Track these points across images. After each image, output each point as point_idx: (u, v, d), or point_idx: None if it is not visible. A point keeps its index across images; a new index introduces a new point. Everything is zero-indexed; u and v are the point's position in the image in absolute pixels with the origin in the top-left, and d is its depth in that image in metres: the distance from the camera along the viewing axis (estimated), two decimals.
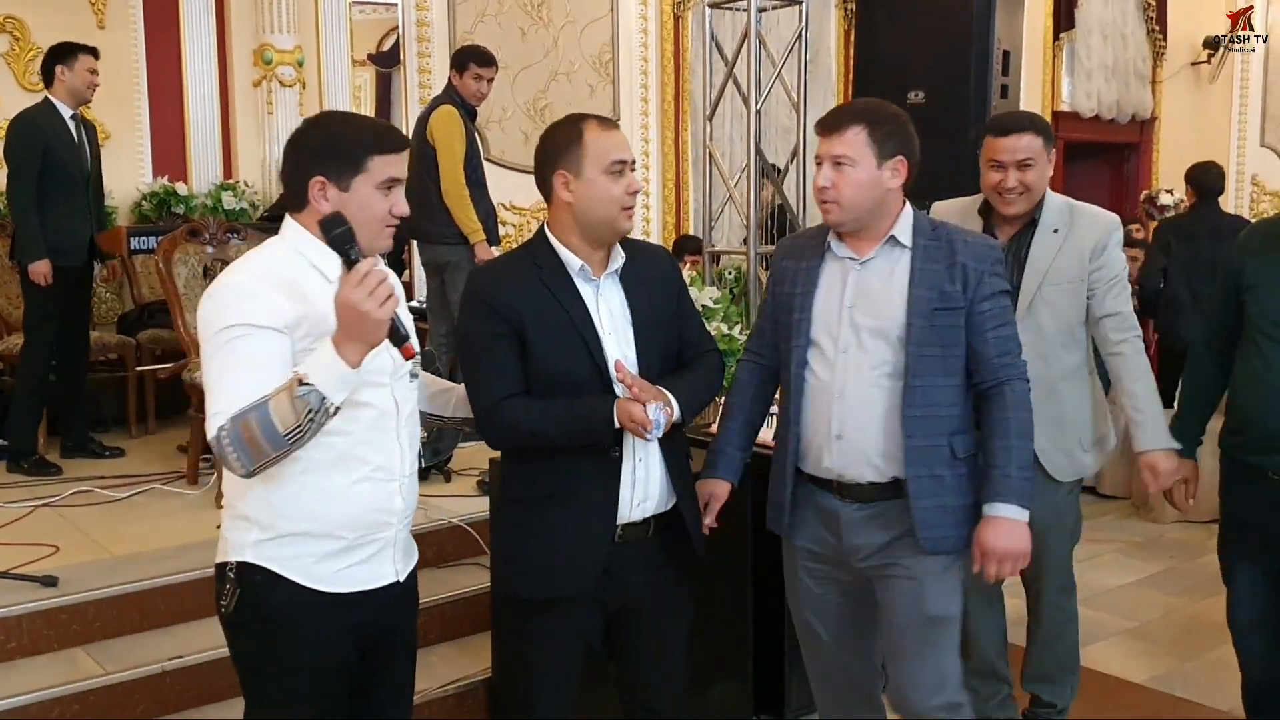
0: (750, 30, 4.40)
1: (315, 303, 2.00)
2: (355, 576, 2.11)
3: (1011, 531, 2.38)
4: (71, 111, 4.98)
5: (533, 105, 7.69)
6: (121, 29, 6.25)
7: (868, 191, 2.42)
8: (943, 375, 2.41)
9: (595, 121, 2.37)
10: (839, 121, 2.44)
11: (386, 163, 2.05)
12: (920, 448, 2.40)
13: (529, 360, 2.32)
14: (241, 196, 6.42)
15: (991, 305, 2.44)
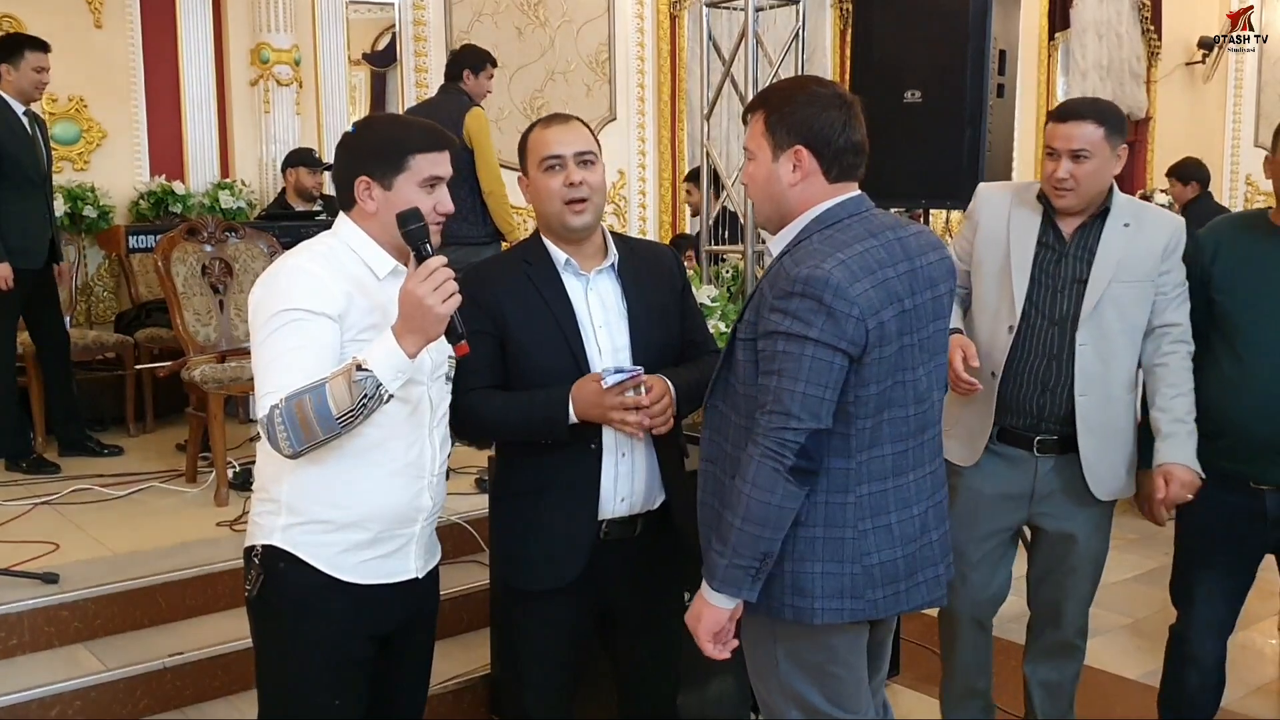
0: (748, 29, 4.40)
1: (364, 296, 2.07)
2: (378, 569, 2.14)
3: (698, 612, 2.09)
4: (24, 109, 4.84)
5: (529, 105, 7.70)
6: (118, 27, 6.24)
7: (764, 188, 2.15)
8: (725, 398, 2.16)
9: (541, 122, 2.42)
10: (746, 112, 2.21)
11: (428, 161, 2.11)
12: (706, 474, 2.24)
13: (511, 355, 2.36)
14: (239, 195, 6.42)
15: (765, 343, 2.02)
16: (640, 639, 2.53)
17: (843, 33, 8.78)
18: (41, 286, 4.97)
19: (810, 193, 2.10)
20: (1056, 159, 2.68)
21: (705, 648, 2.10)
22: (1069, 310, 2.73)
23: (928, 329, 2.12)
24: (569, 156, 2.33)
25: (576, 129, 2.38)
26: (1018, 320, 2.73)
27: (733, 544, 2.01)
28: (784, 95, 2.12)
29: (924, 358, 2.11)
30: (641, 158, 8.25)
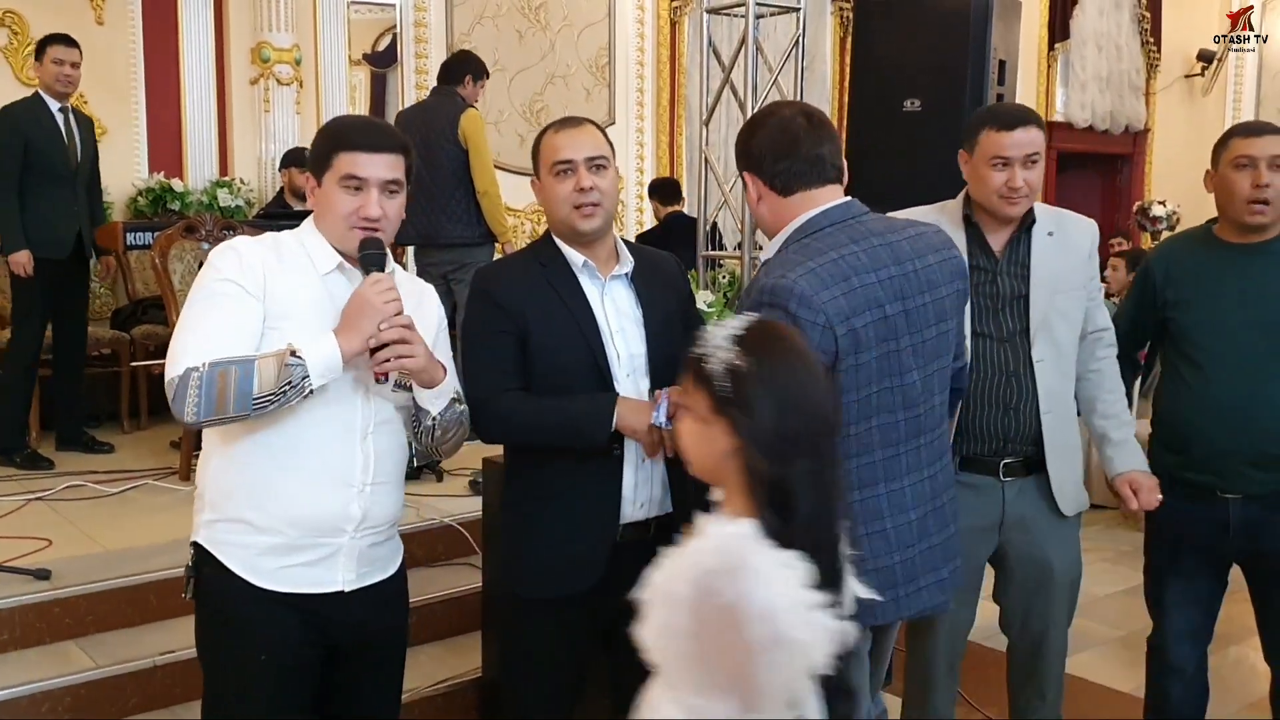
0: (748, 36, 4.41)
1: (285, 286, 2.07)
2: (299, 577, 2.09)
3: None
4: (59, 105, 4.95)
5: (529, 108, 7.71)
6: (119, 25, 6.25)
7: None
8: None
9: (554, 126, 2.40)
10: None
11: (349, 160, 2.06)
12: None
13: (531, 358, 2.33)
14: (237, 194, 6.42)
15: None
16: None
17: (842, 40, 8.80)
18: (70, 279, 5.04)
19: (778, 208, 2.18)
20: (1009, 168, 2.60)
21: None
22: (1015, 326, 2.66)
23: (926, 333, 2.12)
24: (580, 161, 2.31)
25: (589, 133, 2.37)
26: (967, 351, 2.58)
27: None
28: (744, 128, 2.25)
29: (918, 362, 2.12)
30: (640, 162, 8.26)
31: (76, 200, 5.00)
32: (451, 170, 4.98)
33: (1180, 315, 2.79)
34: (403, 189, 2.13)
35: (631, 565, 2.35)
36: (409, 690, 2.55)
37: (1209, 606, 2.90)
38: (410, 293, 2.20)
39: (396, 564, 2.26)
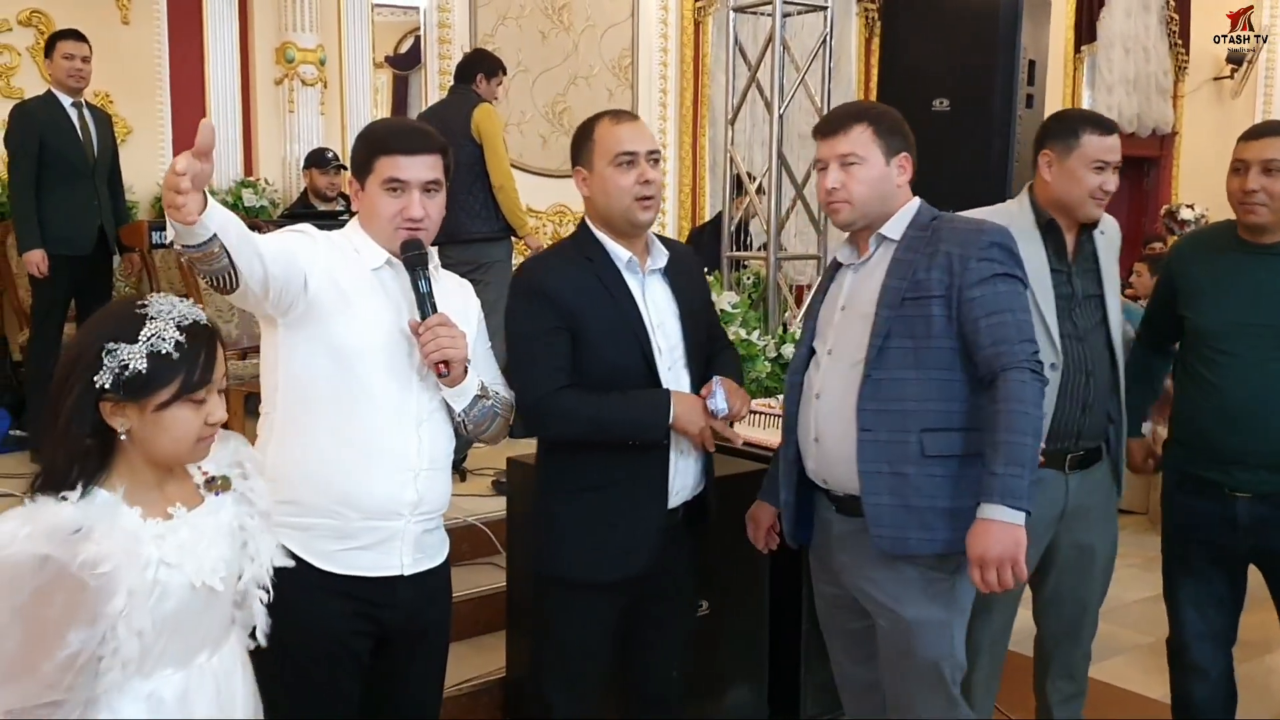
0: (775, 35, 4.40)
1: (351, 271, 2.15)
2: (357, 561, 2.13)
3: (995, 534, 2.15)
4: (72, 101, 4.95)
5: (551, 109, 7.71)
6: (145, 24, 6.26)
7: (877, 188, 2.38)
8: (914, 368, 2.28)
9: (609, 117, 2.44)
10: (841, 122, 2.41)
11: (390, 163, 2.13)
12: (878, 442, 2.28)
13: (581, 353, 2.37)
14: (262, 194, 6.43)
15: (982, 291, 2.26)
16: (659, 619, 2.54)
17: (867, 40, 8.77)
18: (94, 276, 5.04)
19: (906, 191, 2.43)
20: (1104, 171, 2.68)
21: (1017, 572, 2.17)
22: (1089, 324, 2.74)
23: None
24: (642, 154, 2.37)
25: (645, 127, 2.45)
26: (1060, 357, 2.68)
27: (1028, 460, 2.19)
28: (883, 111, 2.45)
29: None
30: (663, 162, 8.25)
31: (96, 196, 5.00)
32: (468, 166, 4.98)
33: (1193, 313, 2.82)
34: (442, 188, 2.20)
35: (661, 551, 2.43)
36: None
37: (1227, 607, 2.90)
38: (452, 290, 2.29)
39: (444, 554, 2.31)
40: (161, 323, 1.60)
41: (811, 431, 2.41)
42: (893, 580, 2.33)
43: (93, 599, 1.52)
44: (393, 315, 2.15)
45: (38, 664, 1.48)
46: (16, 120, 4.88)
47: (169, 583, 1.61)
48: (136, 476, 1.65)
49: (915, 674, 2.36)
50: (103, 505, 1.59)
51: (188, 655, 1.68)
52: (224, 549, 1.71)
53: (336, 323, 2.10)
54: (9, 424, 5.18)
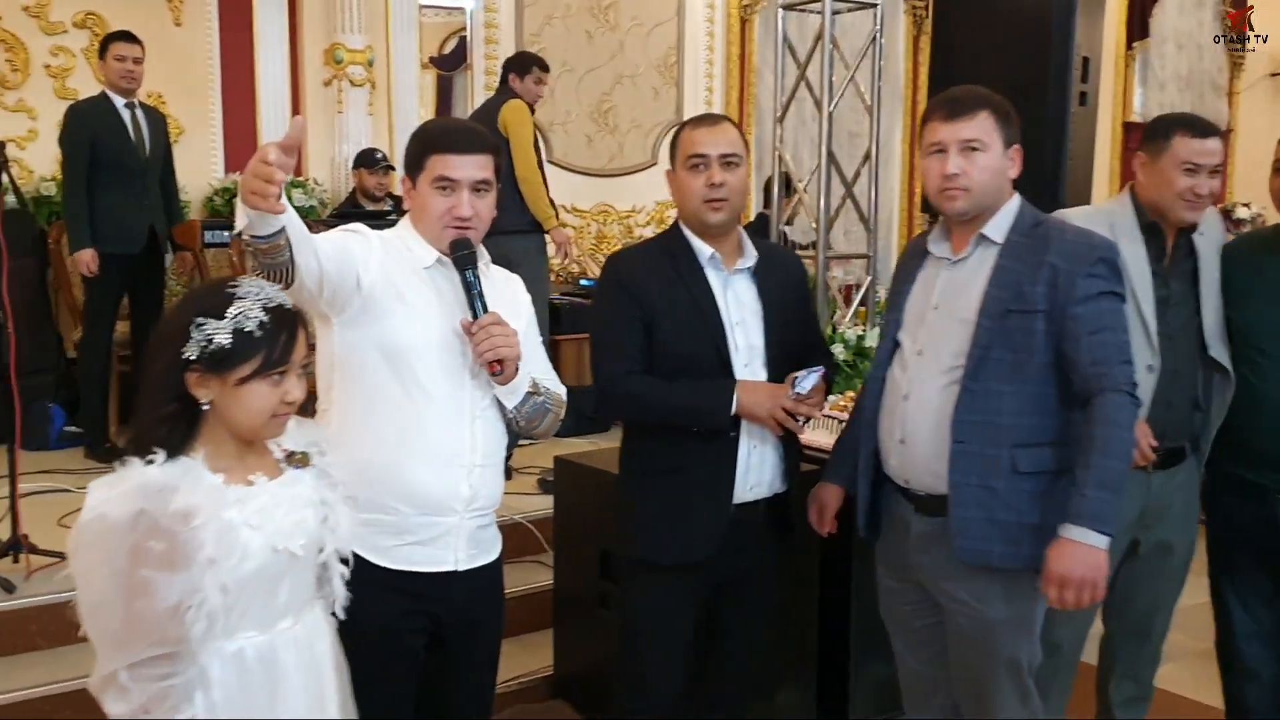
0: (825, 32, 4.37)
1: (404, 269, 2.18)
2: (413, 555, 2.16)
3: (1079, 556, 2.16)
4: (125, 101, 5.03)
5: (597, 108, 7.72)
6: (197, 26, 6.35)
7: (996, 178, 2.32)
8: (1010, 382, 2.25)
9: (693, 122, 2.53)
10: (968, 105, 2.32)
11: (441, 162, 2.15)
12: (969, 454, 2.26)
13: (656, 343, 2.46)
14: (311, 194, 6.49)
15: (1086, 309, 2.23)
16: (742, 616, 2.58)
17: (915, 38, 8.70)
18: (145, 275, 5.12)
19: (1010, 185, 2.37)
20: (1196, 174, 2.65)
21: (1095, 596, 2.19)
22: (1180, 324, 2.73)
23: None
24: (714, 157, 2.42)
25: (725, 130, 2.48)
26: (1159, 360, 2.67)
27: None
28: (1001, 99, 2.38)
29: None
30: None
31: (147, 195, 5.07)
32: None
33: (1237, 313, 2.79)
34: (492, 188, 2.23)
35: (741, 543, 2.49)
36: None
37: (1275, 607, 2.87)
38: (501, 285, 2.32)
39: (498, 550, 2.33)
40: (249, 302, 1.70)
41: (897, 432, 2.38)
42: (976, 581, 2.32)
43: (183, 548, 1.62)
44: (445, 313, 2.18)
45: (144, 618, 1.60)
46: (70, 121, 4.96)
47: (250, 544, 1.70)
48: (219, 447, 1.75)
49: (995, 670, 2.36)
50: (187, 468, 1.70)
51: (269, 618, 1.76)
52: (304, 518, 1.80)
53: (390, 321, 2.13)
54: (64, 420, 5.27)
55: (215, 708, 1.69)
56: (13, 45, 5.90)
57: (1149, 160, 2.70)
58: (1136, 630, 2.94)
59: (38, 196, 5.72)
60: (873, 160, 4.64)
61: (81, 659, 3.16)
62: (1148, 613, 2.91)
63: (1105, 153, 9.19)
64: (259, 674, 1.74)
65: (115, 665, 1.62)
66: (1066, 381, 2.27)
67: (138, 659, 1.61)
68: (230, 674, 1.71)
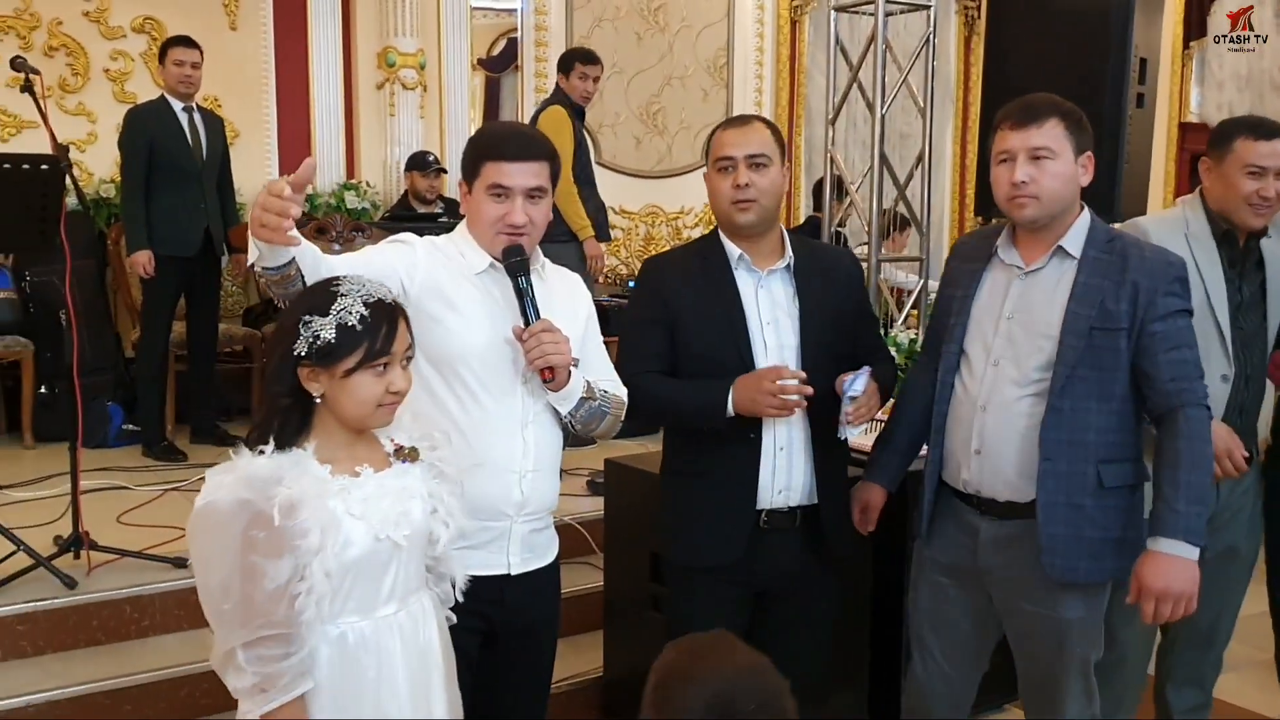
0: (877, 34, 4.35)
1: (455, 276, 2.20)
2: (465, 559, 2.14)
3: (1172, 570, 2.21)
4: (183, 105, 5.11)
5: (645, 110, 7.72)
6: (252, 30, 6.43)
7: (1067, 186, 2.32)
8: (1096, 399, 2.28)
9: (725, 122, 2.53)
10: (1037, 113, 2.33)
11: (494, 169, 2.16)
12: (1058, 473, 2.28)
13: (680, 345, 2.47)
14: (364, 196, 6.55)
15: (1165, 326, 2.26)
16: (787, 629, 2.55)
17: (967, 39, 8.63)
18: (203, 275, 5.20)
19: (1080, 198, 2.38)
20: (1262, 177, 2.65)
21: (1190, 608, 2.25)
22: (1251, 330, 2.72)
23: None
24: (740, 159, 2.42)
25: (754, 131, 2.47)
26: (1234, 368, 2.66)
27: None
28: (1072, 105, 2.38)
29: None
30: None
31: (204, 198, 5.14)
32: None
33: None
34: (546, 195, 2.23)
35: (774, 551, 2.48)
36: None
37: None
38: (559, 289, 2.31)
39: (554, 554, 2.35)
40: (350, 299, 1.79)
41: (974, 442, 2.38)
42: (1052, 589, 2.35)
43: (286, 535, 1.70)
44: (497, 319, 2.18)
45: (254, 600, 1.70)
46: (129, 124, 5.05)
47: (352, 531, 1.78)
48: (330, 439, 1.84)
49: (1067, 669, 2.40)
50: (295, 458, 1.80)
51: (371, 605, 1.83)
52: (410, 509, 1.87)
53: (438, 330, 2.13)
54: (122, 419, 5.35)
55: (320, 688, 1.77)
56: (73, 50, 6.02)
57: (1214, 165, 2.70)
58: (1200, 637, 2.91)
59: (97, 198, 5.82)
60: (925, 161, 4.61)
61: (141, 654, 3.25)
62: (1212, 619, 2.89)
63: (1161, 154, 9.05)
64: (362, 657, 1.82)
65: (232, 644, 1.72)
66: (1141, 397, 2.31)
67: (251, 638, 1.71)
68: (334, 656, 1.79)
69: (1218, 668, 2.99)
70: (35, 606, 3.27)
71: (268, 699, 1.72)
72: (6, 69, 4.45)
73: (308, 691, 1.76)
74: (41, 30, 5.91)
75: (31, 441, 5.24)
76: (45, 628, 3.26)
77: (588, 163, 5.33)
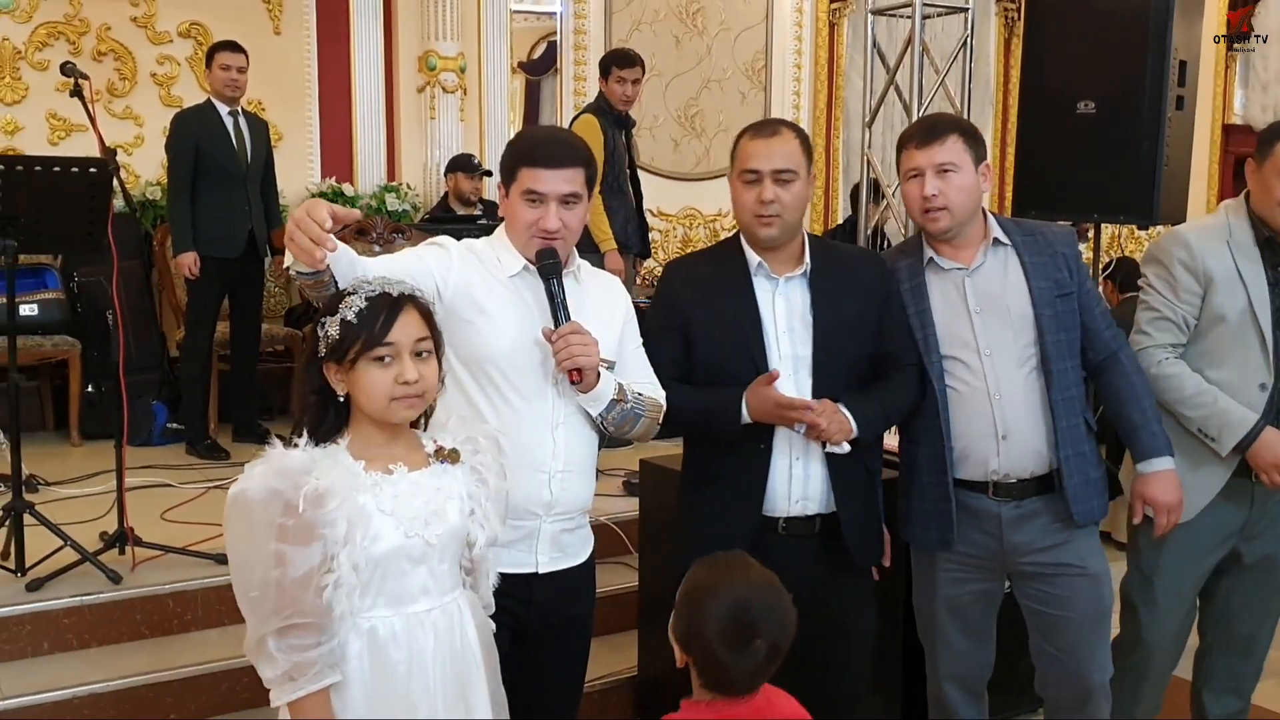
0: (915, 36, 4.35)
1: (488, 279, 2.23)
2: (495, 557, 2.14)
3: (1172, 482, 2.57)
4: (229, 109, 5.19)
5: (684, 113, 7.74)
6: (295, 34, 6.51)
7: (971, 196, 2.50)
8: (1068, 358, 2.53)
9: (750, 130, 2.50)
10: (939, 131, 2.51)
11: (530, 175, 2.19)
12: (1067, 428, 2.50)
13: (695, 352, 2.47)
14: (404, 198, 6.62)
15: (1088, 286, 2.58)
16: (822, 635, 2.52)
17: (1006, 41, 8.58)
18: (245, 277, 5.28)
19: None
20: None
21: (1177, 515, 2.60)
22: None
23: None
24: (766, 173, 2.40)
25: (782, 142, 2.44)
26: (1273, 376, 2.65)
27: (1160, 417, 2.64)
28: (966, 122, 2.63)
29: None
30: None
31: (248, 200, 5.21)
32: None
33: None
34: (582, 200, 2.24)
35: (797, 559, 2.45)
36: None
37: None
38: (595, 293, 2.33)
39: (586, 553, 2.36)
40: (356, 297, 1.85)
41: (998, 429, 2.50)
42: (1076, 543, 2.55)
43: (312, 525, 1.75)
44: (529, 321, 2.20)
45: (282, 587, 1.74)
46: (176, 128, 5.14)
47: (381, 527, 1.81)
48: (366, 437, 1.88)
49: (1100, 617, 2.61)
50: (328, 452, 1.84)
51: (402, 601, 1.86)
52: (445, 509, 1.89)
53: (467, 331, 2.16)
54: (166, 417, 5.43)
55: (350, 682, 1.81)
56: (121, 55, 6.13)
57: (1256, 168, 2.67)
58: (1239, 644, 2.89)
59: (143, 200, 5.93)
60: None
61: (184, 649, 3.30)
62: (1252, 628, 2.87)
63: (1204, 156, 8.96)
64: (391, 652, 1.84)
65: (262, 631, 1.76)
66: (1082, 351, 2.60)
67: (282, 625, 1.75)
68: (364, 650, 1.82)
69: (1257, 675, 2.96)
70: (81, 600, 3.33)
71: (296, 687, 1.75)
72: (57, 73, 4.54)
73: (338, 684, 1.79)
74: (90, 35, 6.03)
75: (78, 439, 5.34)
76: (91, 621, 3.33)
77: (621, 171, 5.25)
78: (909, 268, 2.58)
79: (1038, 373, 2.50)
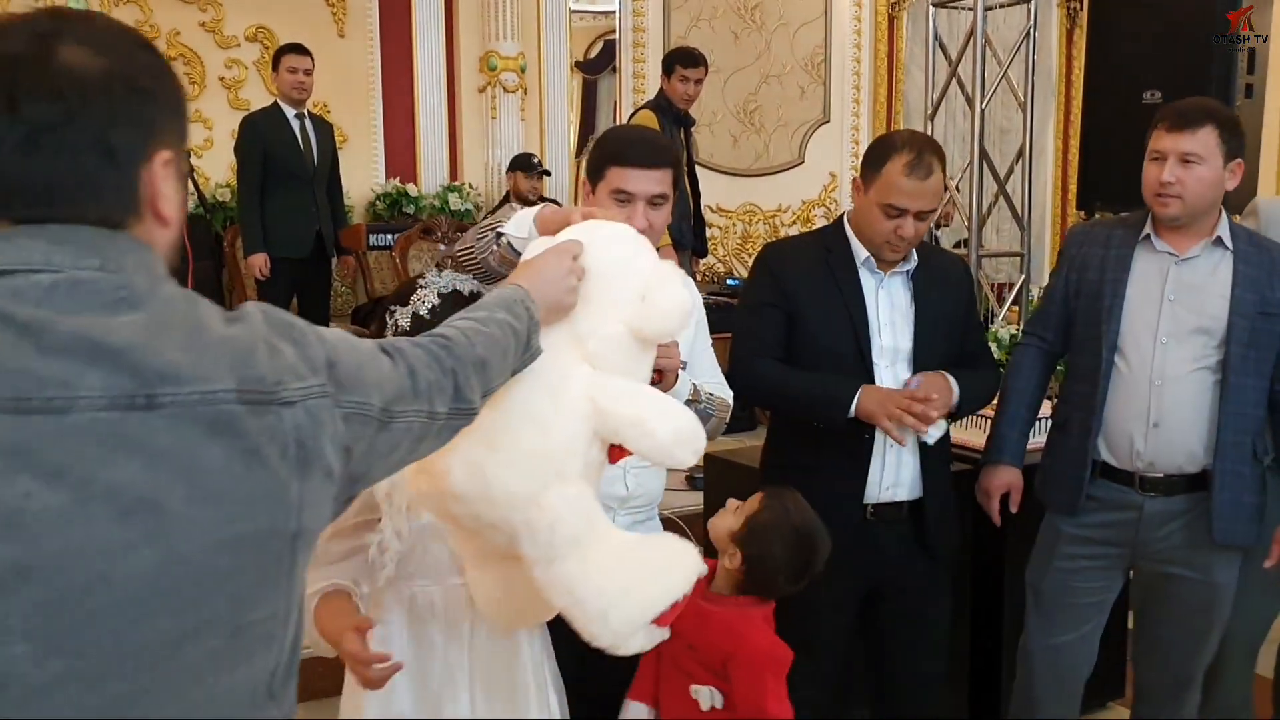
0: (976, 29, 4.32)
1: None
2: None
3: None
4: (295, 112, 5.28)
5: (743, 108, 7.75)
6: (359, 37, 6.63)
7: (1211, 190, 2.45)
8: (1255, 376, 2.47)
9: (907, 160, 2.41)
10: (1193, 119, 2.44)
11: (619, 175, 2.18)
12: (1231, 443, 2.46)
13: (798, 335, 2.49)
14: (467, 198, 6.70)
15: None
16: (900, 623, 2.57)
17: (1069, 32, 8.47)
18: (312, 277, 5.39)
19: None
20: None
21: None
22: None
23: None
24: (911, 212, 2.40)
25: (933, 183, 2.42)
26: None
27: None
28: (1227, 113, 2.53)
29: None
30: (855, 159, 8.17)
31: (315, 201, 5.31)
32: None
33: None
34: (668, 200, 2.25)
35: (881, 544, 2.51)
36: None
37: None
38: None
39: None
40: (427, 290, 1.90)
41: (1150, 416, 2.49)
42: (1206, 556, 2.53)
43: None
44: None
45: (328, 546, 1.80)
46: (245, 131, 5.25)
47: None
48: None
49: (1210, 629, 2.60)
50: None
51: (442, 572, 1.89)
52: None
53: None
54: None
55: (388, 641, 1.84)
56: (190, 59, 6.27)
57: None
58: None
59: (213, 202, 6.06)
60: (1026, 156, 4.57)
61: None
62: None
63: (1274, 144, 8.78)
64: (429, 621, 1.88)
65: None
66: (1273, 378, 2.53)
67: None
68: (401, 615, 1.87)
69: None
70: None
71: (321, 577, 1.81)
72: None
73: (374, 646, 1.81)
74: (160, 40, 6.15)
75: None
76: None
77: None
78: (1122, 236, 2.58)
79: (1212, 375, 2.47)
